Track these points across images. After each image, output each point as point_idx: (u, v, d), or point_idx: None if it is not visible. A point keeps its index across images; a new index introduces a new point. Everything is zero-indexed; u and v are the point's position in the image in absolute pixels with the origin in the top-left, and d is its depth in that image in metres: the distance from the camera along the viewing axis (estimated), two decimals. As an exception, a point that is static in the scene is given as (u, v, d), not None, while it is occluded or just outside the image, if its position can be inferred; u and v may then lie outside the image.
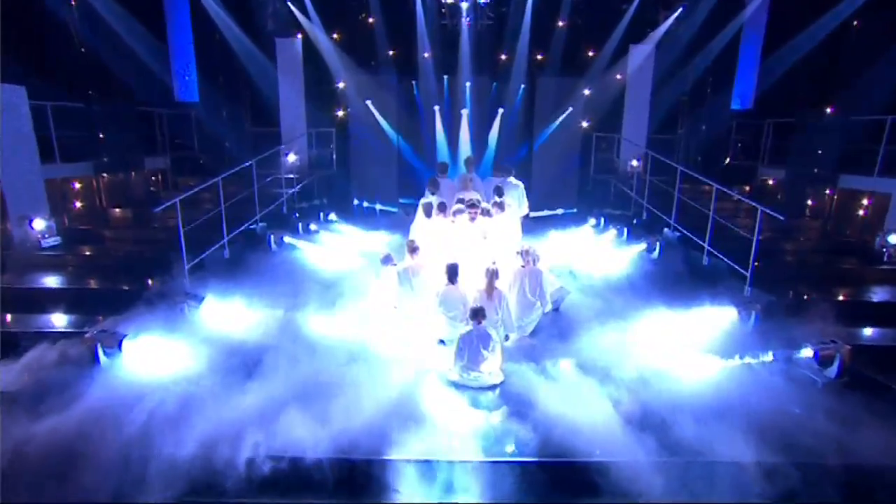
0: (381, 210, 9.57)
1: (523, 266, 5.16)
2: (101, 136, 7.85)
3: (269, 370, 4.36)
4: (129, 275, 5.82)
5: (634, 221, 8.15)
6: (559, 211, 9.44)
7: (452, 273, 4.90)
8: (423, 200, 6.17)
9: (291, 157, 8.86)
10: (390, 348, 4.80)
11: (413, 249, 5.17)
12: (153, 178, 8.99)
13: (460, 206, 5.72)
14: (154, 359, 4.38)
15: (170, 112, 9.30)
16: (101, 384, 4.05)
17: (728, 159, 9.91)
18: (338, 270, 6.49)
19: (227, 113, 9.64)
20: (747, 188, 9.14)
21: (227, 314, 5.17)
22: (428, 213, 5.82)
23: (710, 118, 9.76)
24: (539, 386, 4.33)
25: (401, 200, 9.73)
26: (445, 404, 4.12)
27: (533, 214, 9.16)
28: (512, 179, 6.69)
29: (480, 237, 5.47)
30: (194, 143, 9.59)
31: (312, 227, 7.77)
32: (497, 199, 5.99)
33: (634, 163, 8.87)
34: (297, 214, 8.32)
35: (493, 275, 4.89)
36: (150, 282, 5.49)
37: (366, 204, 9.64)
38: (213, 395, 4.00)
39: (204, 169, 9.25)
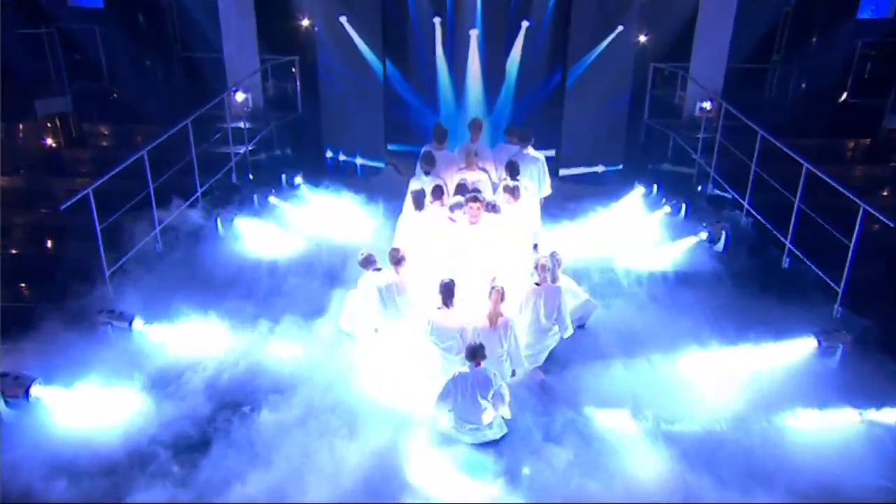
0: (363, 166, 9.33)
1: (538, 284, 5.07)
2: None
3: (220, 419, 4.53)
4: (28, 282, 5.73)
5: (700, 189, 7.89)
6: (599, 168, 9.10)
7: (447, 294, 4.86)
8: (412, 184, 5.98)
9: (240, 97, 8.53)
10: (369, 385, 4.90)
11: (398, 261, 5.09)
12: (49, 125, 8.56)
13: (459, 198, 5.54)
14: (73, 408, 4.49)
15: (64, 28, 8.68)
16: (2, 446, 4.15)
17: (845, 95, 9.21)
18: (304, 266, 6.47)
19: (146, 29, 9.06)
20: (868, 140, 8.57)
21: (165, 338, 5.27)
22: (419, 204, 5.66)
23: (824, 34, 8.95)
24: (552, 441, 4.45)
25: (389, 148, 9.44)
26: (431, 465, 4.28)
27: (564, 172, 9.04)
28: (530, 150, 6.41)
29: (484, 243, 5.35)
30: (102, 71, 9.09)
31: (272, 199, 7.65)
32: (510, 182, 5.79)
33: (706, 105, 8.36)
34: (252, 177, 8.19)
35: (498, 296, 4.83)
36: (58, 294, 5.45)
37: (343, 158, 9.38)
38: (149, 458, 4.18)
39: (119, 109, 8.88)
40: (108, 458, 4.14)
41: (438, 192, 5.68)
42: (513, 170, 5.92)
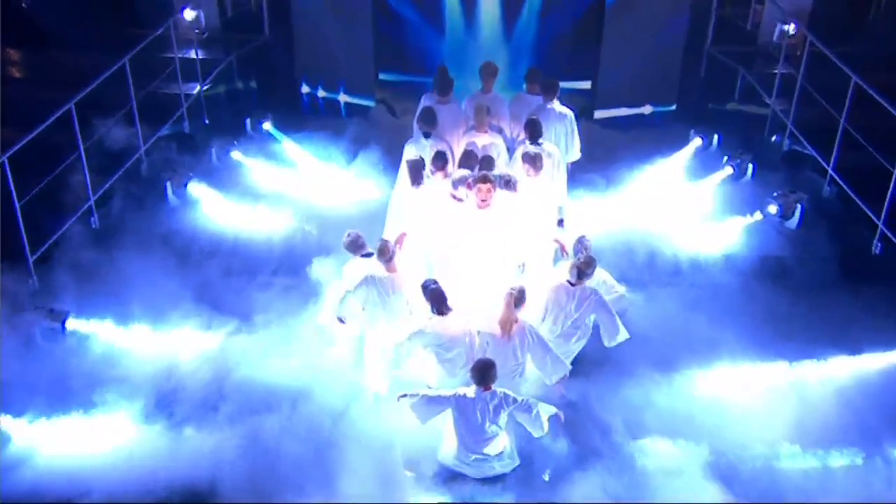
0: (347, 104, 9.10)
1: (572, 283, 4.97)
2: None
3: (185, 441, 4.57)
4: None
5: (773, 139, 7.63)
6: (646, 109, 8.87)
7: (438, 301, 4.75)
8: (408, 151, 5.83)
9: (189, 15, 8.18)
10: (356, 399, 4.92)
11: (389, 257, 4.96)
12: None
13: (464, 172, 5.36)
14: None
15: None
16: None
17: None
18: (279, 243, 6.43)
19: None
20: None
21: (107, 340, 5.25)
22: (416, 179, 5.48)
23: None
24: (574, 474, 4.46)
25: (381, 77, 9.20)
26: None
27: (600, 115, 8.81)
28: (555, 105, 6.18)
29: (496, 229, 5.20)
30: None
31: (235, 154, 7.48)
32: (530, 147, 5.60)
33: (789, 29, 7.89)
34: (207, 122, 8.01)
35: (514, 300, 4.70)
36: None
37: (322, 94, 9.14)
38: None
39: (31, 28, 8.41)
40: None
41: (441, 160, 5.51)
42: (534, 130, 5.72)
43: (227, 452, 4.53)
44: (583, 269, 4.88)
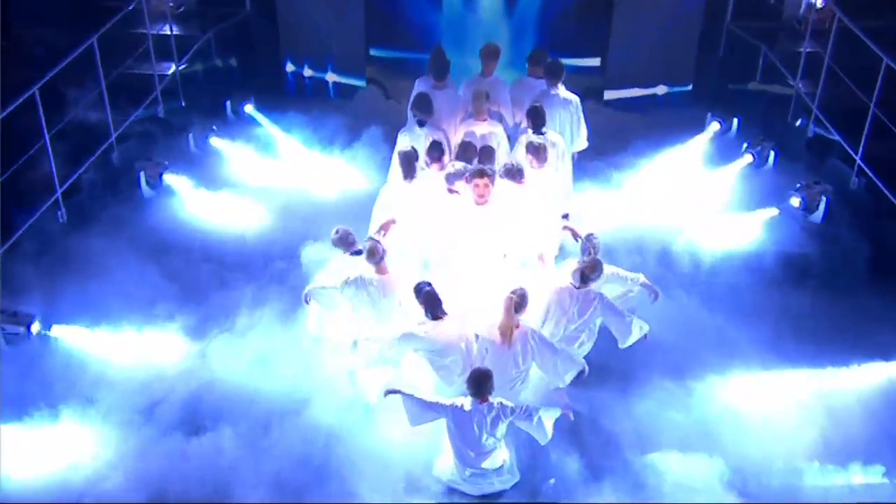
0: (336, 84, 9.09)
1: (576, 286, 4.94)
2: None
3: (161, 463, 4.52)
4: None
5: (798, 123, 7.60)
6: (660, 90, 8.84)
7: (431, 305, 4.74)
8: (401, 141, 5.80)
9: (164, -14, 8.14)
10: (351, 411, 4.92)
11: (379, 259, 4.93)
12: None
13: (459, 165, 5.34)
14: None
15: None
16: None
17: None
18: (264, 238, 6.42)
19: None
20: None
21: (77, 346, 5.23)
22: (409, 172, 5.46)
23: None
24: (580, 491, 4.45)
25: (372, 53, 9.14)
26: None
27: (610, 96, 8.77)
28: (560, 90, 6.12)
29: (496, 226, 5.18)
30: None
31: (214, 140, 7.46)
32: (534, 137, 5.56)
33: (817, 2, 7.93)
34: (184, 104, 8.01)
35: (514, 305, 4.68)
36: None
37: (309, 73, 9.12)
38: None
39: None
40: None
41: (437, 151, 5.49)
42: (537, 118, 5.70)
43: (218, 463, 4.53)
44: (587, 274, 4.85)
